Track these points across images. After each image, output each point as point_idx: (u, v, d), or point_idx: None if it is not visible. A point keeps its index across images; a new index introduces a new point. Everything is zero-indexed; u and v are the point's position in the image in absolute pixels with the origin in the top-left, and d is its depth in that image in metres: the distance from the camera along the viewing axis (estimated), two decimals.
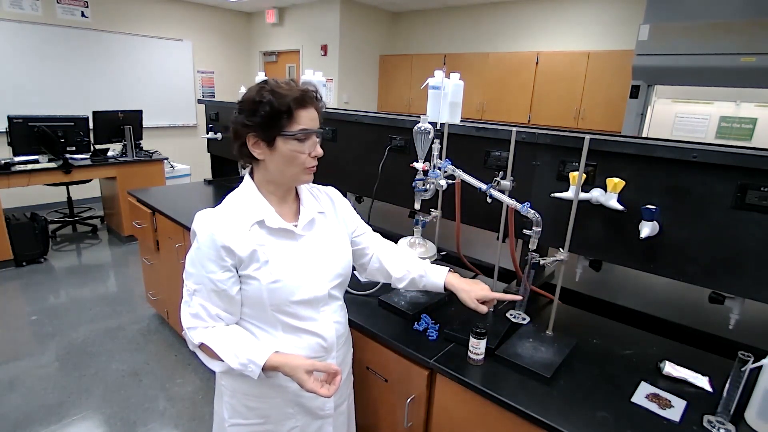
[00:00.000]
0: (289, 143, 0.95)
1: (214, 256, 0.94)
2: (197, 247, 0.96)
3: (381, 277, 1.29)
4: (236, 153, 1.02)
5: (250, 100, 0.95)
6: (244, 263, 0.96)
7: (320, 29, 5.99)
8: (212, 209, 0.99)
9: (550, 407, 1.01)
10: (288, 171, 0.99)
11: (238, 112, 0.98)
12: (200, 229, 0.95)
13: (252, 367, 0.93)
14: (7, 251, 3.71)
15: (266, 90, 0.94)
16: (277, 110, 0.93)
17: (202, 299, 0.96)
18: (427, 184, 1.32)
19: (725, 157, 1.00)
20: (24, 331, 2.87)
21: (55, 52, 5.17)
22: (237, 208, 1.00)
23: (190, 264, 0.97)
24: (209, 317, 0.97)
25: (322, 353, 1.07)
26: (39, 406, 2.20)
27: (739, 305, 1.11)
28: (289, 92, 0.94)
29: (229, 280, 0.96)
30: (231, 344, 0.96)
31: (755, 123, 3.24)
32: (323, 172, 2.07)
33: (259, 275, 0.96)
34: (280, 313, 1.00)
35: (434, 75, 1.47)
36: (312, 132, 0.98)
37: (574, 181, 1.16)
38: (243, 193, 1.03)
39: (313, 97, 0.98)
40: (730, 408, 0.97)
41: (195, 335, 0.97)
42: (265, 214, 0.99)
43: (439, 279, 1.22)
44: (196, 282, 0.96)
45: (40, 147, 3.85)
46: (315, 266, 1.04)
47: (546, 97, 4.91)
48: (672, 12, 3.35)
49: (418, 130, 1.30)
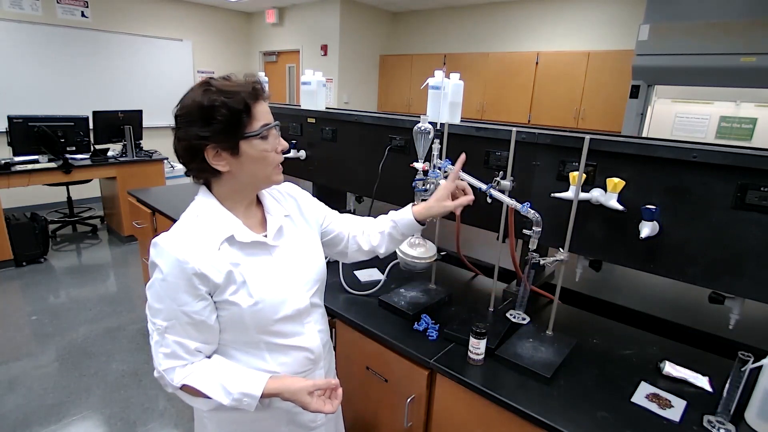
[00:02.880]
0: (255, 144, 0.86)
1: (186, 286, 0.83)
2: (162, 279, 0.83)
3: (363, 255, 1.21)
4: (193, 173, 0.90)
5: (197, 108, 0.82)
6: (219, 288, 0.86)
7: (320, 29, 5.99)
8: (172, 232, 0.86)
9: (550, 407, 1.01)
10: (260, 174, 0.91)
11: (185, 125, 0.84)
12: (163, 258, 0.83)
13: (247, 400, 0.86)
14: (7, 251, 3.71)
15: (213, 92, 0.83)
16: (235, 110, 0.83)
17: (177, 336, 0.85)
18: (427, 184, 1.32)
19: (725, 157, 1.00)
20: (24, 331, 2.87)
21: (55, 52, 5.17)
22: (200, 226, 0.88)
23: (156, 299, 0.85)
24: (188, 354, 0.86)
25: (310, 366, 1.01)
26: (39, 406, 2.20)
27: (739, 305, 1.11)
28: (239, 88, 0.84)
29: (205, 309, 0.86)
30: (218, 379, 0.86)
31: (755, 123, 3.24)
32: (323, 172, 2.07)
33: (238, 299, 0.87)
34: (265, 334, 0.92)
35: (434, 75, 1.46)
36: (273, 126, 0.89)
37: (574, 181, 1.16)
38: (204, 209, 0.90)
39: (261, 87, 0.88)
40: (730, 408, 0.97)
41: (175, 377, 0.86)
42: (234, 229, 0.89)
43: (407, 215, 1.14)
44: (167, 318, 0.84)
45: (40, 147, 3.85)
46: (293, 277, 0.97)
47: (546, 97, 4.91)
48: (672, 12, 3.34)
49: (418, 130, 1.30)
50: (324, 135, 1.98)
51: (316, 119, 2.01)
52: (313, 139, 2.05)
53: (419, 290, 1.52)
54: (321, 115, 2.00)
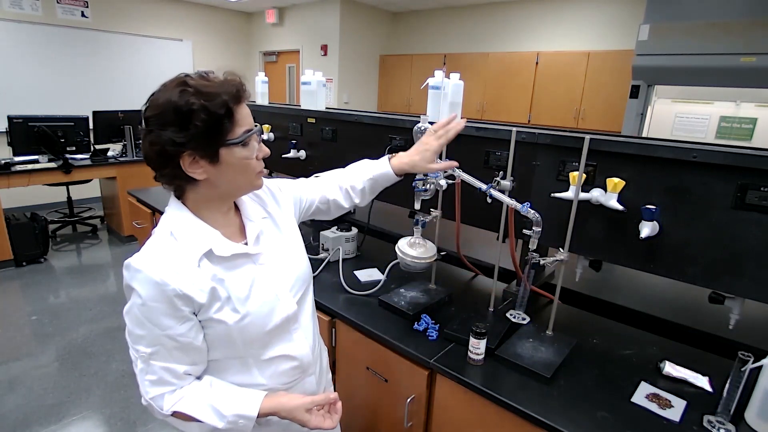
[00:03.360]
0: (235, 151, 0.79)
1: (167, 309, 0.77)
2: (141, 303, 0.76)
3: (343, 211, 1.20)
4: (164, 180, 0.82)
5: (172, 109, 0.73)
6: (204, 307, 0.80)
7: (320, 29, 5.99)
8: (144, 252, 0.79)
9: (550, 407, 1.01)
10: (241, 182, 0.85)
11: (158, 128, 0.75)
12: (140, 281, 0.76)
13: (243, 422, 0.82)
14: (7, 251, 3.72)
15: (191, 93, 0.73)
16: (216, 115, 0.74)
17: (163, 362, 0.80)
18: (427, 184, 1.32)
19: (725, 157, 1.00)
20: (24, 331, 2.87)
21: (55, 52, 5.17)
22: (175, 243, 0.80)
23: (136, 325, 0.78)
24: (176, 378, 0.82)
25: (299, 375, 0.97)
26: (39, 406, 2.20)
27: (739, 305, 1.11)
28: (220, 89, 0.76)
29: (191, 330, 0.80)
30: (210, 403, 0.82)
31: (755, 123, 3.24)
32: (323, 172, 2.07)
33: (224, 317, 0.82)
34: (253, 347, 0.88)
35: (434, 75, 1.46)
36: (255, 132, 0.83)
37: (574, 181, 1.16)
38: (177, 223, 0.82)
39: (244, 89, 0.80)
40: (730, 408, 0.97)
41: (164, 404, 0.81)
42: (212, 242, 0.82)
43: (385, 168, 1.15)
44: (150, 344, 0.79)
45: (40, 147, 3.85)
46: (279, 283, 0.92)
47: (546, 97, 4.91)
48: (672, 12, 3.35)
49: (418, 130, 1.30)
50: (324, 135, 1.98)
51: (316, 119, 2.01)
52: (313, 139, 2.05)
53: (419, 290, 1.52)
54: (321, 115, 2.00)
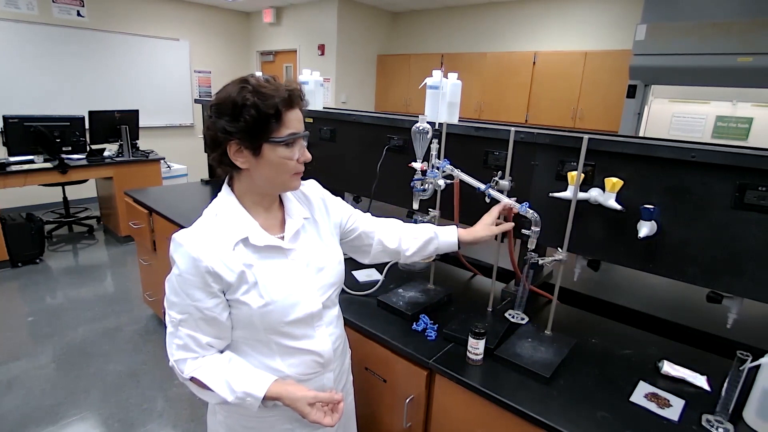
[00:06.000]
0: (278, 150, 0.87)
1: (199, 283, 0.86)
2: (178, 274, 0.86)
3: (386, 256, 1.23)
4: (214, 162, 0.93)
5: (229, 102, 0.84)
6: (232, 287, 0.88)
7: (318, 29, 5.98)
8: (190, 229, 0.90)
9: (550, 407, 1.01)
10: (276, 179, 0.92)
11: (215, 116, 0.86)
12: (180, 254, 0.86)
13: (250, 400, 0.88)
14: (3, 252, 3.69)
15: (248, 90, 0.83)
16: (264, 114, 0.83)
17: (190, 330, 0.89)
18: (426, 184, 1.32)
19: (724, 156, 1.00)
20: (21, 332, 2.86)
21: (51, 51, 5.14)
22: (218, 226, 0.90)
23: (172, 292, 0.88)
24: (199, 347, 0.90)
25: (319, 369, 1.01)
26: (37, 407, 2.18)
27: (737, 304, 1.12)
28: (275, 92, 0.85)
29: (217, 306, 0.88)
30: (225, 376, 0.89)
31: (751, 122, 3.25)
32: (321, 172, 2.07)
33: (249, 299, 0.89)
34: (274, 335, 0.94)
35: (432, 75, 1.46)
36: (300, 136, 0.91)
37: (572, 180, 1.16)
38: (223, 207, 0.93)
39: (299, 96, 0.90)
40: (728, 407, 0.97)
41: (185, 368, 0.89)
42: (249, 231, 0.91)
43: (452, 237, 1.21)
44: (181, 311, 0.88)
45: (36, 147, 3.83)
46: (307, 281, 0.97)
47: (543, 97, 4.91)
48: (669, 12, 3.36)
49: (417, 130, 1.30)
50: (322, 135, 1.97)
51: (314, 119, 2.01)
52: (311, 138, 2.03)
53: (418, 290, 1.52)
54: (319, 114, 2.00)
